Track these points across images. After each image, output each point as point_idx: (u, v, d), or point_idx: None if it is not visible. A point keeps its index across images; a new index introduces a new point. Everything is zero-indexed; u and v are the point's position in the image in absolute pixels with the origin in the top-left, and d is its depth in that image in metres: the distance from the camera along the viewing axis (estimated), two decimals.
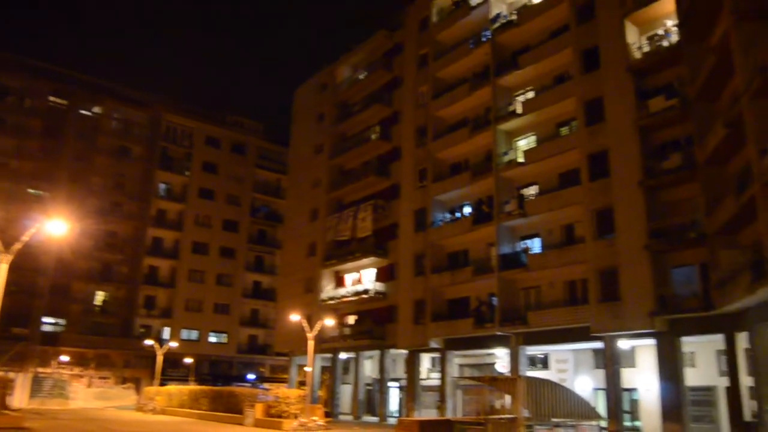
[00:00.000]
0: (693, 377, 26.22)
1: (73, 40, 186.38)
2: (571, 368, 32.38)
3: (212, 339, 62.90)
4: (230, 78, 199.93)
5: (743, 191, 19.36)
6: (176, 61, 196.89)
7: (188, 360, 56.31)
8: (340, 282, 46.45)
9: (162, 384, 48.41)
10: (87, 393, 53.26)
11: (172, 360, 56.03)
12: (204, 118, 68.60)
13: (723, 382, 24.97)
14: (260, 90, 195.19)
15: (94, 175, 59.85)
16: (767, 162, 17.30)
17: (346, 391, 45.08)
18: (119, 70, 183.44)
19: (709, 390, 26.68)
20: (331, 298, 44.46)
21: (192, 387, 43.80)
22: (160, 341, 52.18)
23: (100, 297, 58.87)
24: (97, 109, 62.19)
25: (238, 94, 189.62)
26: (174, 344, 50.64)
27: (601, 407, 28.05)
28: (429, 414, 36.36)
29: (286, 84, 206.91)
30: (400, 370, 42.75)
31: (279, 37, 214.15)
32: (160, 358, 46.74)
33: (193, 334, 61.68)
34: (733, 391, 23.03)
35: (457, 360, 37.02)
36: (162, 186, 64.24)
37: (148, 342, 49.54)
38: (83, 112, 61.39)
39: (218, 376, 59.59)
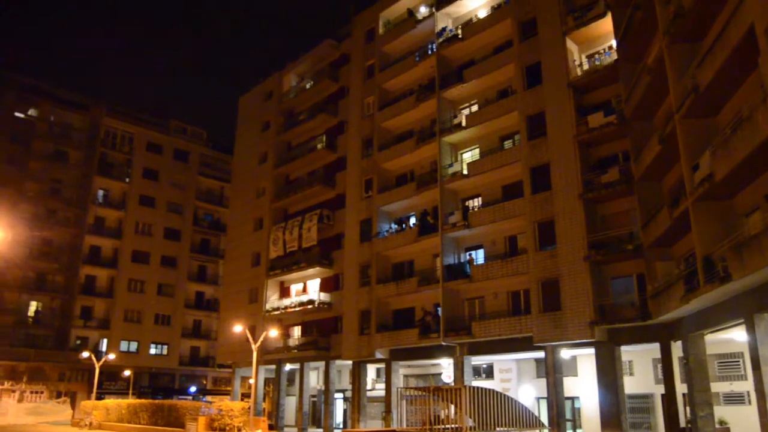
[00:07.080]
0: (631, 385, 27.07)
1: (9, 42, 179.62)
2: (514, 378, 32.96)
3: (153, 351, 61.21)
4: (175, 84, 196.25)
5: (677, 205, 20.01)
6: (120, 65, 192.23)
7: (127, 372, 54.72)
8: (284, 292, 45.98)
9: (99, 398, 46.85)
10: (18, 408, 50.85)
11: (110, 373, 54.45)
12: (145, 123, 66.89)
13: (659, 390, 25.88)
14: (205, 97, 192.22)
15: (28, 180, 57.24)
16: (698, 177, 17.99)
17: (290, 403, 44.64)
18: (58, 71, 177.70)
19: (646, 397, 27.60)
20: (276, 309, 43.97)
21: (131, 401, 42.47)
22: (98, 353, 50.54)
23: (33, 307, 56.53)
24: (32, 112, 59.78)
25: (182, 100, 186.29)
26: (112, 356, 49.04)
27: (544, 416, 28.56)
28: (374, 425, 36.35)
29: (231, 91, 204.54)
30: (345, 381, 42.65)
31: (225, 44, 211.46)
32: (97, 371, 45.24)
33: (133, 346, 59.90)
34: (669, 398, 23.81)
35: (402, 370, 37.11)
36: (100, 192, 62.18)
37: (85, 354, 47.87)
38: (17, 114, 58.82)
39: (159, 389, 58.18)
